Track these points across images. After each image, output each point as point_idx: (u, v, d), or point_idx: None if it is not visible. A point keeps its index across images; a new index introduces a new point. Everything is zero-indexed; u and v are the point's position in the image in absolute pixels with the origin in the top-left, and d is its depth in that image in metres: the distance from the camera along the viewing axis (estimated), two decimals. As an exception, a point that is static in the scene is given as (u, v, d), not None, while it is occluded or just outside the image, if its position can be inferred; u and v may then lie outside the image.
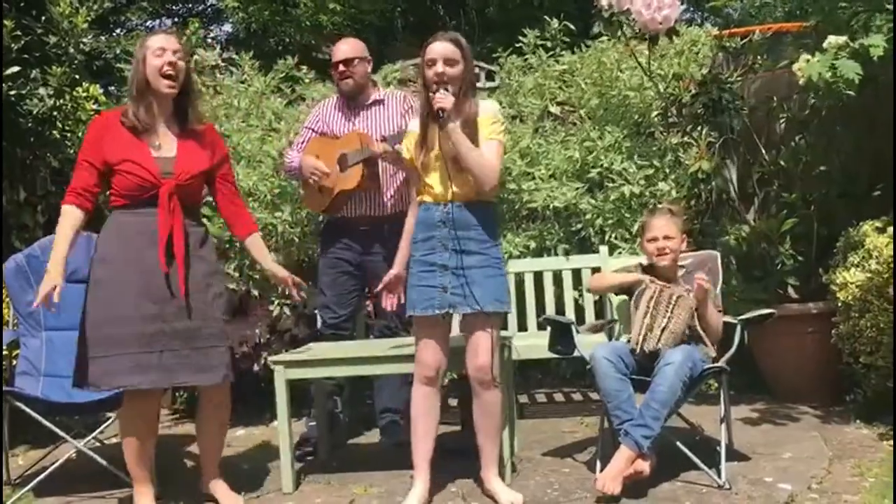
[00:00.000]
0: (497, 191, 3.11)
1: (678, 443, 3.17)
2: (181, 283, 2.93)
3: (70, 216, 2.93)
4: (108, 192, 3.04)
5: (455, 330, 3.11)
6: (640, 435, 2.98)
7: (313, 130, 3.99)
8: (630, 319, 3.38)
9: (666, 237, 3.40)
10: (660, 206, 3.92)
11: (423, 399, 2.99)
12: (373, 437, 4.10)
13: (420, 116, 3.04)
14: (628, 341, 3.31)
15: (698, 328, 3.29)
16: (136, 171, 2.91)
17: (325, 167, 3.79)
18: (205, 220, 4.24)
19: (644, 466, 2.98)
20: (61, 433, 3.44)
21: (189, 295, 2.94)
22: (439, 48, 2.93)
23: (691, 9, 13.48)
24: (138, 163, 2.91)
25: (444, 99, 2.87)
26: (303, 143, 4.00)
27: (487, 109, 3.00)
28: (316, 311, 4.14)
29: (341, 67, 3.89)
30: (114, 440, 3.20)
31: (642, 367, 3.22)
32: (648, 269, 3.48)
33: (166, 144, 2.98)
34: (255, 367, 4.43)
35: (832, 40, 3.66)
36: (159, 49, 2.92)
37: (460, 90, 2.93)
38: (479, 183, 2.90)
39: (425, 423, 3.00)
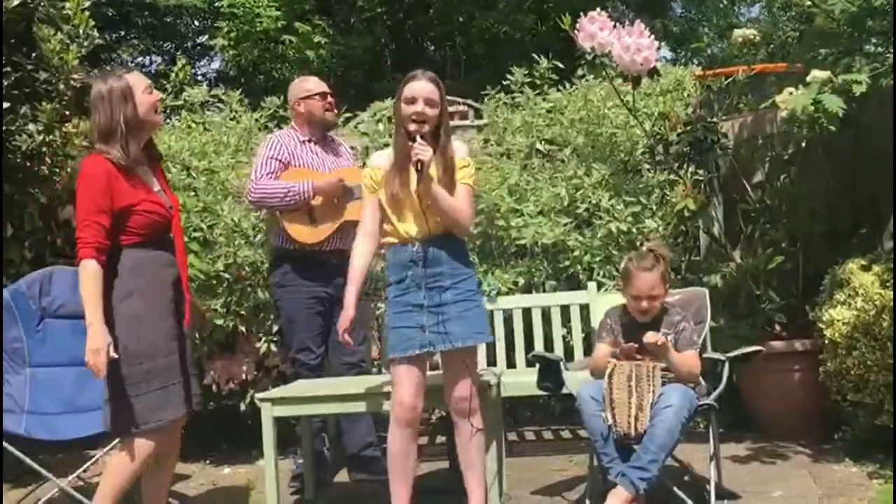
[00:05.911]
0: (469, 232, 3.13)
1: (668, 482, 3.15)
2: (186, 312, 2.96)
3: (97, 275, 2.76)
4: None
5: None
6: (637, 477, 2.93)
7: (280, 161, 3.83)
8: (606, 400, 3.05)
9: (651, 297, 3.20)
10: (643, 250, 3.37)
11: (400, 441, 2.93)
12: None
13: (395, 154, 2.99)
14: (610, 426, 3.02)
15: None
16: (155, 209, 2.91)
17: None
18: (192, 255, 4.27)
19: None
20: (45, 472, 3.39)
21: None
22: (421, 87, 2.92)
23: (676, 50, 13.66)
24: (154, 200, 2.93)
25: (423, 152, 2.86)
26: (273, 172, 3.80)
27: (458, 152, 3.01)
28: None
29: (329, 98, 3.91)
30: (97, 479, 3.15)
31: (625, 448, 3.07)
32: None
33: (151, 179, 3.00)
34: (242, 405, 4.39)
35: (816, 74, 3.68)
36: (148, 87, 2.93)
37: (440, 132, 2.94)
38: (455, 229, 2.94)
39: (404, 467, 2.95)
